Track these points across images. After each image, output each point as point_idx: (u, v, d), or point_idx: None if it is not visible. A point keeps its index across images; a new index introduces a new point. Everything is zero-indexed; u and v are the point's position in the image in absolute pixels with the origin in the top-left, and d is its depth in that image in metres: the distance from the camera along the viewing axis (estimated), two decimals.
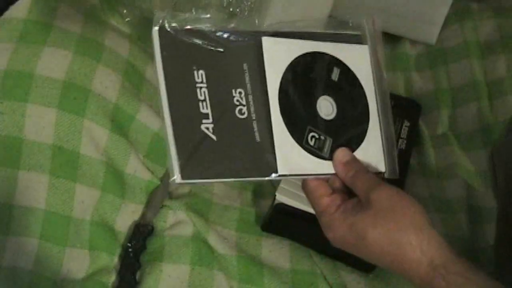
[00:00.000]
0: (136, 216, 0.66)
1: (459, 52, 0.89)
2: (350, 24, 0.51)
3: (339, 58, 0.50)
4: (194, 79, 0.43)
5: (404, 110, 0.83)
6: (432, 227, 0.42)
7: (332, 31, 0.51)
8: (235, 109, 0.44)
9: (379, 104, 0.50)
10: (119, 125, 0.65)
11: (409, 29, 0.94)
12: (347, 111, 0.49)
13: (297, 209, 0.63)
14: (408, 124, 0.81)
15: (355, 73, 0.50)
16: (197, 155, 0.42)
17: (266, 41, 0.47)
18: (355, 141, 0.49)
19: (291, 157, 0.45)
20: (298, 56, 0.48)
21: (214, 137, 0.43)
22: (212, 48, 0.45)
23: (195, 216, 0.66)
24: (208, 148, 0.42)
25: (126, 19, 0.74)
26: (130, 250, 0.62)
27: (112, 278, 0.61)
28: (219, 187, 0.72)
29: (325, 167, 0.47)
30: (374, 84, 0.51)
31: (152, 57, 0.72)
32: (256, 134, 0.45)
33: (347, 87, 0.50)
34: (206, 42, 0.44)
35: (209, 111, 0.43)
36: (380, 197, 0.43)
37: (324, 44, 0.50)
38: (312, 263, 0.65)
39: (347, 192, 0.46)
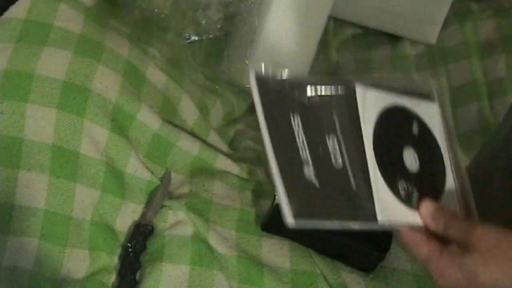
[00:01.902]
0: (136, 216, 0.66)
1: (459, 52, 0.89)
2: (417, 81, 0.53)
3: (417, 112, 0.52)
4: (291, 124, 0.44)
5: None
6: None
7: (406, 86, 0.52)
8: (330, 156, 0.45)
9: (452, 160, 0.52)
10: (119, 125, 0.65)
11: (409, 29, 0.94)
12: (428, 164, 0.50)
13: None
14: None
15: (430, 128, 0.52)
16: (305, 201, 0.43)
17: (359, 89, 0.48)
18: (436, 194, 0.50)
19: (388, 207, 0.46)
20: (386, 107, 0.49)
21: (317, 184, 0.44)
22: (304, 95, 0.46)
23: (195, 216, 0.66)
24: (313, 194, 0.43)
25: (126, 19, 0.74)
26: (130, 250, 0.62)
27: (112, 278, 0.61)
28: (219, 187, 0.72)
29: (417, 217, 0.48)
30: (445, 140, 0.52)
31: (152, 57, 0.72)
32: (352, 183, 0.45)
33: (425, 141, 0.51)
34: (298, 89, 0.46)
35: (308, 157, 0.44)
36: (482, 237, 0.43)
37: (403, 99, 0.51)
38: (312, 263, 0.65)
39: (443, 239, 0.46)
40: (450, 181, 0.51)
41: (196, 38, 0.85)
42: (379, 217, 0.45)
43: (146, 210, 0.67)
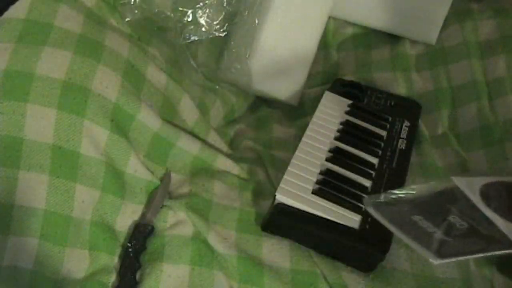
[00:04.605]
0: (136, 216, 0.66)
1: (459, 52, 0.89)
2: None
3: None
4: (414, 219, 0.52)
5: (404, 110, 0.83)
6: None
7: None
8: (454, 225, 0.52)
9: None
10: (119, 125, 0.65)
11: (409, 29, 0.94)
12: None
13: (297, 209, 0.63)
14: (408, 124, 0.81)
15: None
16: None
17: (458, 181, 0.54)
18: None
19: None
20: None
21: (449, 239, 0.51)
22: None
23: (195, 216, 0.66)
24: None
25: (126, 19, 0.74)
26: (130, 250, 0.62)
27: (112, 278, 0.61)
28: (219, 187, 0.72)
29: None
30: None
31: (152, 57, 0.71)
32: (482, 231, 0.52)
33: None
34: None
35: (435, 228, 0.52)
36: None
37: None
38: (312, 263, 0.64)
39: None
40: None
41: (196, 38, 0.85)
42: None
43: (146, 210, 0.67)
